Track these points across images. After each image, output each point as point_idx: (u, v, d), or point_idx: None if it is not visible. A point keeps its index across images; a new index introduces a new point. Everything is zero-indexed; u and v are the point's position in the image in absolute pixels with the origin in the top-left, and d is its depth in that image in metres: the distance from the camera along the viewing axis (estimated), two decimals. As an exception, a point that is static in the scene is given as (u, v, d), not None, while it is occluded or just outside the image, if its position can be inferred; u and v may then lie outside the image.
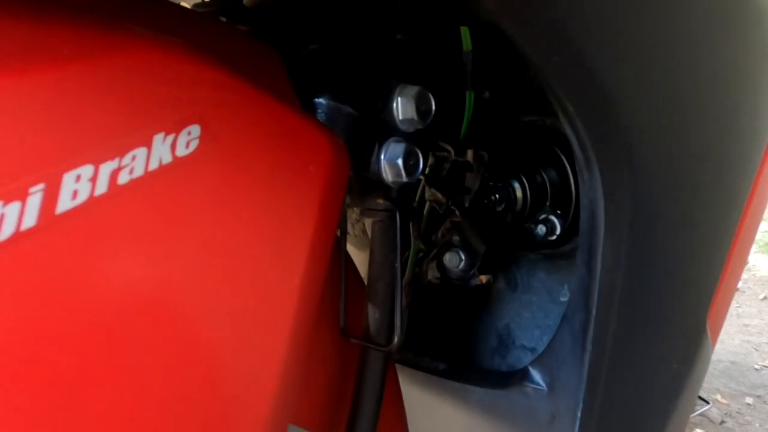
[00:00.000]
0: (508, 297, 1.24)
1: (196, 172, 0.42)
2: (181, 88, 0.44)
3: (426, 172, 1.12)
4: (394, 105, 0.70)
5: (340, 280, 0.81)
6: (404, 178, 0.69)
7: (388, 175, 0.69)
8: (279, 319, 0.48)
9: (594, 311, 0.54)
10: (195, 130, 0.44)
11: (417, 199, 1.14)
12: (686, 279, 0.56)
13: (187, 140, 0.43)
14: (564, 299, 1.16)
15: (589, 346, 0.57)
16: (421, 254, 1.21)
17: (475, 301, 1.32)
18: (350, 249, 1.33)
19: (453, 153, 1.04)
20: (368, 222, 0.98)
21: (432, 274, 1.17)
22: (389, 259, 0.78)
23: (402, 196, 0.78)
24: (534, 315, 1.21)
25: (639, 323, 0.56)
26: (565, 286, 1.15)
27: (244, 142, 0.48)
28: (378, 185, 0.73)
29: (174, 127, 0.43)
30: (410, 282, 1.19)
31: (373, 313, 0.80)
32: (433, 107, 0.72)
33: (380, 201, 0.77)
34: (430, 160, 1.10)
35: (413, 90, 0.70)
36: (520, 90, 1.08)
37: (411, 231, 1.19)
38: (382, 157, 0.69)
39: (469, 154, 1.00)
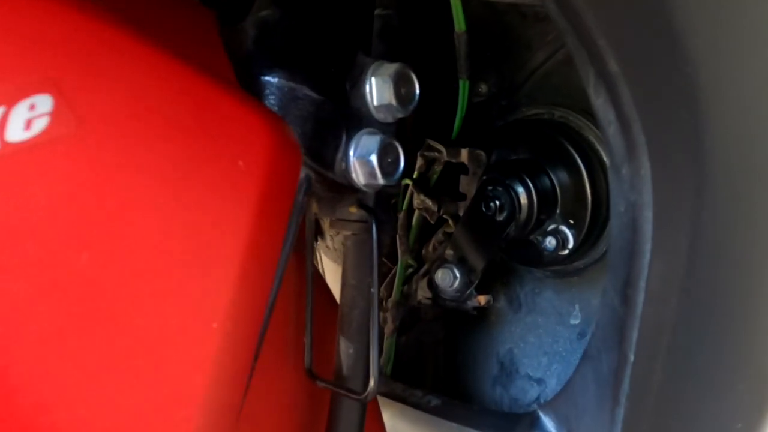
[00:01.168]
0: (511, 318, 1.09)
1: (42, 164, 0.28)
2: (24, 42, 0.29)
3: (414, 175, 0.98)
4: (367, 87, 0.55)
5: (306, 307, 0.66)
6: (380, 180, 0.54)
7: (359, 176, 0.54)
8: (192, 359, 0.35)
9: (631, 356, 0.40)
10: (43, 102, 0.29)
11: (404, 207, 0.99)
12: (761, 317, 0.43)
13: (28, 118, 0.28)
14: (575, 322, 1.01)
15: (623, 400, 0.42)
16: (410, 270, 1.06)
17: (473, 323, 1.17)
18: (330, 266, 1.18)
19: (445, 153, 0.90)
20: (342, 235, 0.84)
21: (422, 293, 1.02)
22: (364, 282, 0.63)
23: (380, 203, 0.63)
24: (540, 340, 1.06)
25: (694, 374, 0.42)
26: (577, 307, 1.01)
27: (129, 125, 0.32)
28: (349, 189, 0.58)
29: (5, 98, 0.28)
30: (398, 303, 1.04)
31: (346, 349, 0.65)
32: (417, 90, 0.58)
33: (352, 210, 0.62)
34: (419, 162, 0.95)
35: (391, 68, 0.55)
36: (521, 77, 0.94)
37: (398, 245, 1.04)
38: (351, 153, 0.54)
39: (464, 154, 0.86)
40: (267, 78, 0.50)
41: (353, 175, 0.55)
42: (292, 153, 0.43)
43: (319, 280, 0.75)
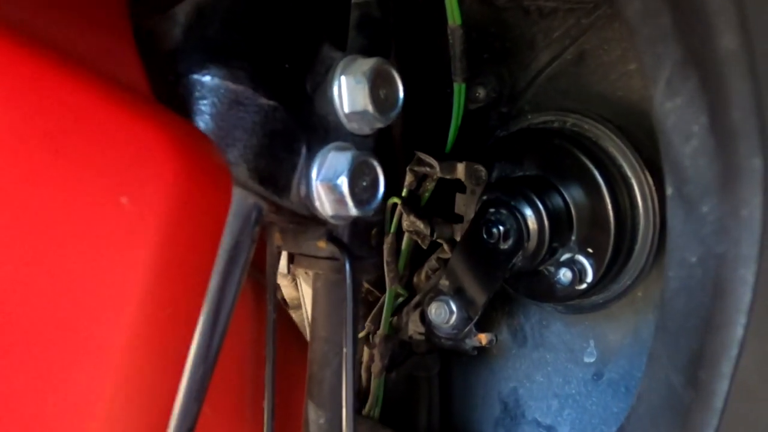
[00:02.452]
0: (515, 353, 0.96)
1: None
2: None
3: (403, 193, 0.85)
4: (335, 89, 0.42)
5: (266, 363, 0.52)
6: (351, 211, 0.41)
7: (324, 205, 0.41)
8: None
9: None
10: None
11: (393, 229, 0.86)
12: None
13: None
14: (590, 360, 0.88)
15: None
16: (400, 300, 0.93)
17: (471, 357, 1.04)
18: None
19: (438, 168, 0.77)
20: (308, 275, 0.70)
21: (414, 327, 0.89)
22: (337, 335, 0.50)
23: (357, 235, 0.50)
24: (549, 379, 0.93)
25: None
26: (591, 343, 0.88)
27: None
28: (314, 221, 0.45)
29: None
30: (386, 338, 0.90)
31: (315, 418, 0.51)
32: (401, 93, 0.45)
33: (321, 245, 0.49)
34: (408, 178, 0.83)
35: (366, 65, 0.42)
36: (523, 81, 0.82)
37: (386, 271, 0.91)
38: (314, 175, 0.41)
39: (460, 169, 0.73)
40: (197, 77, 0.37)
41: (317, 204, 0.42)
42: (216, 175, 0.30)
43: (287, 323, 0.62)
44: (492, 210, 0.65)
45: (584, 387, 0.86)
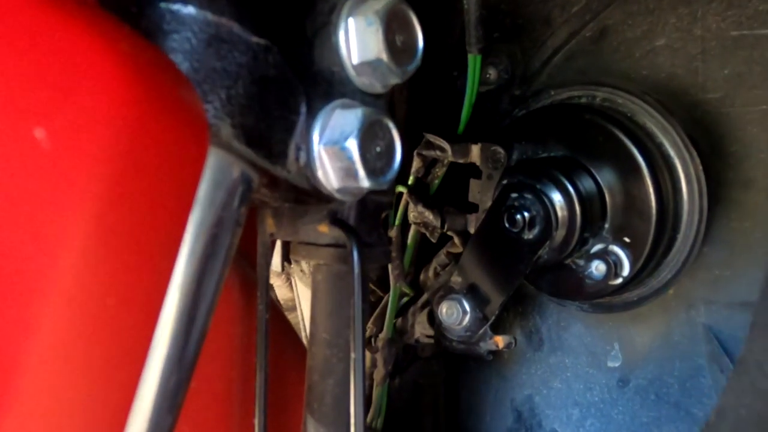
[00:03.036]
0: (530, 357, 0.88)
1: None
2: None
3: (409, 181, 0.77)
4: (341, 33, 0.35)
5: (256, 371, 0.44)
6: (363, 182, 0.33)
7: (328, 175, 0.33)
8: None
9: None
10: None
11: (398, 221, 0.79)
12: None
13: None
14: (614, 364, 0.80)
15: None
16: (405, 300, 0.85)
17: (481, 361, 0.96)
18: (308, 295, 0.96)
19: (450, 151, 0.69)
20: (309, 265, 0.61)
21: (421, 330, 0.81)
22: (341, 336, 0.41)
23: (365, 218, 0.42)
24: (569, 386, 0.85)
25: None
26: (616, 346, 0.80)
27: None
28: (314, 197, 0.37)
29: None
30: (390, 342, 0.82)
31: (316, 436, 0.43)
32: (421, 42, 0.37)
33: (323, 229, 0.41)
34: (416, 164, 0.75)
35: (378, 3, 0.34)
36: (538, 60, 0.74)
37: (390, 268, 0.83)
38: (316, 137, 0.33)
39: (475, 151, 0.65)
40: (166, 5, 0.29)
41: (319, 174, 0.33)
42: (180, 122, 0.22)
43: (281, 324, 0.54)
44: (515, 195, 0.57)
45: (608, 394, 0.78)
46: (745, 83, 0.67)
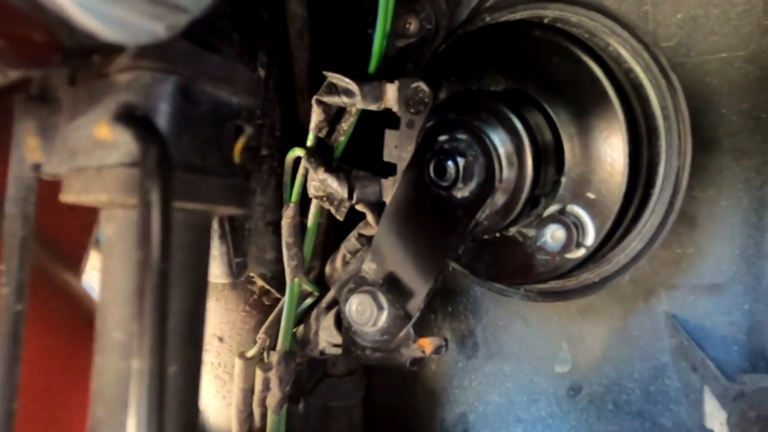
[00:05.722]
0: (462, 366, 0.71)
1: None
2: None
3: (308, 141, 0.58)
4: None
5: None
6: None
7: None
8: None
9: None
10: None
11: (294, 196, 0.60)
12: None
13: None
14: (563, 369, 0.65)
15: None
16: (309, 302, 0.66)
17: (404, 375, 0.77)
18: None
19: (359, 94, 0.52)
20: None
21: (327, 337, 0.62)
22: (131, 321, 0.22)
23: (191, 123, 0.23)
24: (510, 399, 0.68)
25: None
26: (564, 347, 0.65)
27: None
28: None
29: None
30: (287, 356, 0.62)
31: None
32: None
33: (101, 133, 0.22)
34: (316, 117, 0.57)
35: None
36: (467, 5, 0.60)
37: (285, 258, 0.63)
38: None
39: (391, 91, 0.49)
40: None
41: None
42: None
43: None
44: (444, 137, 0.40)
45: (557, 406, 0.63)
46: (702, 29, 0.57)
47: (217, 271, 0.61)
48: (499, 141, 0.39)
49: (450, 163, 0.39)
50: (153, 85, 0.21)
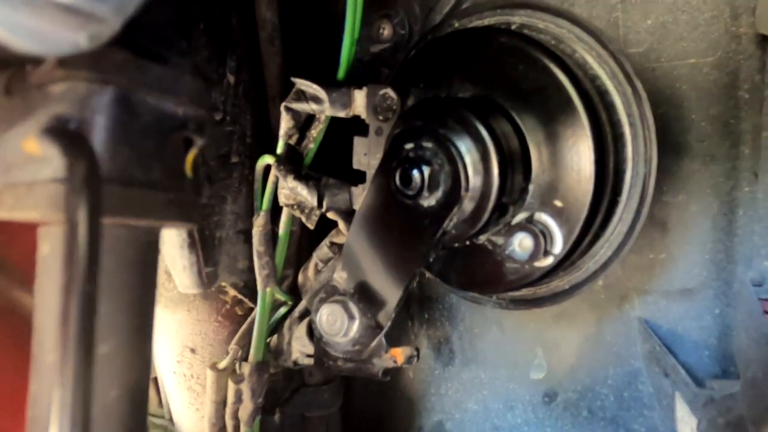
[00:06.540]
0: (439, 374, 0.70)
1: None
2: None
3: (278, 149, 0.57)
4: None
5: None
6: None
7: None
8: None
9: None
10: None
11: (264, 204, 0.59)
12: None
13: None
14: (538, 375, 0.64)
15: None
16: (282, 311, 0.65)
17: (380, 385, 0.77)
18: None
19: (327, 101, 0.51)
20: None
21: (300, 347, 0.61)
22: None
23: (131, 135, 0.22)
24: (487, 406, 0.68)
25: None
26: (539, 353, 0.65)
27: None
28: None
29: None
30: (259, 368, 0.61)
31: None
32: None
33: (29, 147, 0.21)
34: (285, 124, 0.56)
35: None
36: (441, 10, 0.59)
37: (256, 268, 0.61)
38: None
39: (359, 98, 0.48)
40: None
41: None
42: None
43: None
44: (410, 145, 0.40)
45: (533, 413, 0.63)
46: (671, 35, 0.57)
47: (186, 282, 0.59)
48: (465, 149, 0.38)
49: (415, 172, 0.38)
50: (88, 96, 0.20)
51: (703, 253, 0.55)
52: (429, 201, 0.39)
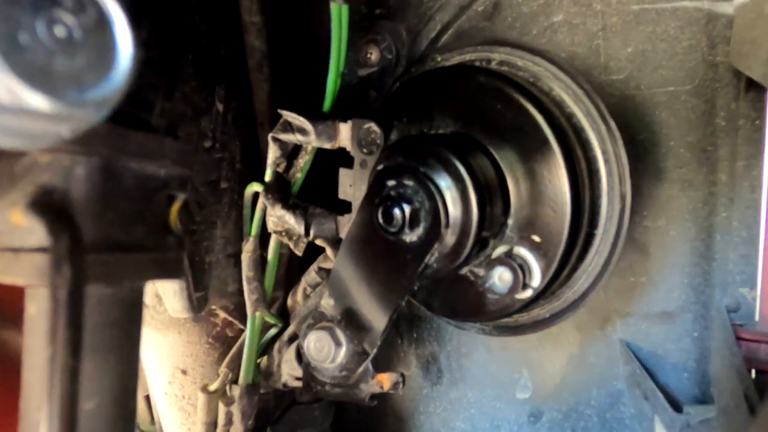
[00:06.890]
0: (427, 393, 0.72)
1: None
2: None
3: (266, 177, 0.58)
4: None
5: None
6: (17, 91, 0.15)
7: None
8: None
9: None
10: None
11: (253, 230, 0.60)
12: None
13: None
14: (524, 395, 0.66)
15: None
16: (272, 333, 0.66)
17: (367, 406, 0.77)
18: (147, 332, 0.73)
19: (313, 133, 0.52)
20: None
21: (289, 370, 0.62)
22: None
23: (113, 200, 0.24)
24: (474, 425, 0.69)
25: None
26: (525, 373, 0.66)
27: None
28: None
29: None
30: (249, 390, 0.62)
31: None
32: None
33: (16, 219, 0.22)
34: (273, 153, 0.57)
35: None
36: (426, 37, 0.61)
37: (246, 293, 0.62)
38: None
39: (344, 132, 0.49)
40: None
41: None
42: None
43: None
44: (392, 182, 0.41)
45: (521, 431, 0.64)
46: (650, 62, 0.58)
47: (177, 306, 0.60)
48: (445, 186, 0.40)
49: (397, 210, 0.39)
50: (72, 167, 0.21)
51: (682, 277, 0.56)
52: (411, 237, 0.41)
